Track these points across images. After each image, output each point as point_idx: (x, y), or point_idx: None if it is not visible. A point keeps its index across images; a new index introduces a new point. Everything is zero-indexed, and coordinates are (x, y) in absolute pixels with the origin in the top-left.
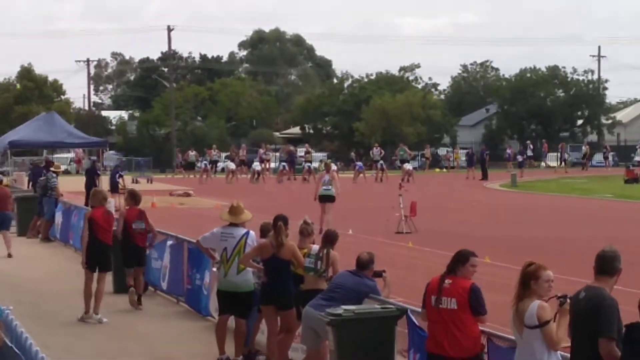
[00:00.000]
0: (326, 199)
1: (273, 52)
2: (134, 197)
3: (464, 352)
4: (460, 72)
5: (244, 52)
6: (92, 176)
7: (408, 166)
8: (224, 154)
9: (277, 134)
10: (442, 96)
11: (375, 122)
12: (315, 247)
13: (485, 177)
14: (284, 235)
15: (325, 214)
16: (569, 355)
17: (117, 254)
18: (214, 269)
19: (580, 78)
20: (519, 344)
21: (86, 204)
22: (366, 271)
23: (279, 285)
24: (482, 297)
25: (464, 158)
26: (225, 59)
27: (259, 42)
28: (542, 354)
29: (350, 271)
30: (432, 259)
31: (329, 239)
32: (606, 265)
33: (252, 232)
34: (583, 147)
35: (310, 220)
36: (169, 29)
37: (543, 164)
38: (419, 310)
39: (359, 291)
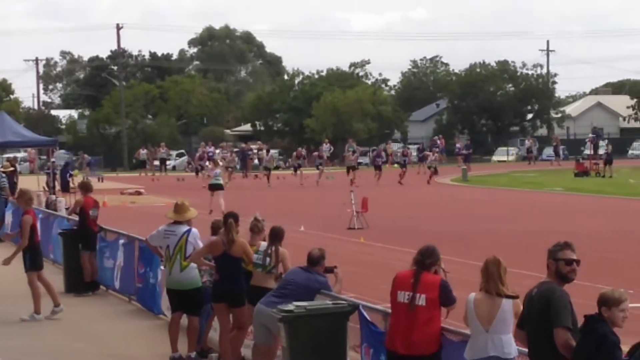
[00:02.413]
0: (216, 187)
1: (223, 49)
2: (87, 187)
3: (425, 350)
4: (410, 67)
5: (194, 50)
6: (65, 175)
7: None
8: (174, 152)
9: (228, 131)
10: (393, 92)
11: (326, 118)
12: (264, 244)
13: (435, 172)
14: (235, 232)
15: (215, 199)
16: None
17: (69, 254)
18: (162, 267)
19: (530, 72)
20: (481, 336)
21: None
22: (317, 267)
23: (231, 283)
24: (450, 290)
25: (414, 153)
26: (175, 56)
27: (208, 40)
28: (510, 347)
29: (302, 267)
30: (384, 254)
31: (276, 236)
32: None
33: (194, 230)
34: (527, 142)
35: (260, 217)
36: (118, 27)
37: (494, 158)
38: (371, 305)
39: (310, 287)
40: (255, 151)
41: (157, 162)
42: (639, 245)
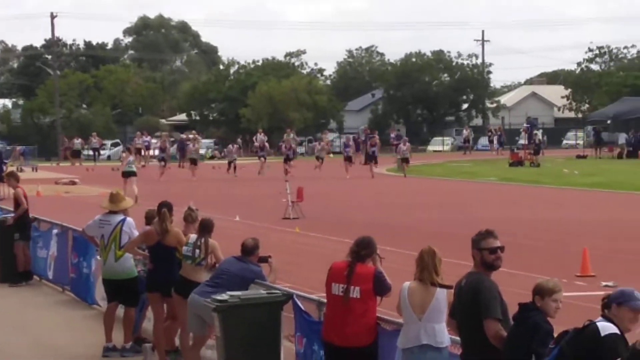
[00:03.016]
0: (129, 174)
1: (158, 38)
2: (16, 177)
3: (361, 341)
4: (346, 57)
5: (128, 39)
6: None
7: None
8: (109, 142)
9: (163, 120)
10: (328, 81)
11: (262, 108)
12: (193, 236)
13: (366, 162)
14: (169, 222)
15: (128, 185)
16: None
17: (4, 244)
18: (99, 257)
19: (465, 62)
20: (414, 325)
21: None
22: (251, 257)
23: (165, 272)
24: (385, 279)
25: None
26: (110, 46)
27: (143, 29)
28: (443, 336)
29: (236, 257)
30: (319, 244)
31: (206, 228)
32: None
33: (129, 219)
34: (464, 131)
35: (194, 206)
36: (53, 16)
37: (429, 148)
38: (305, 295)
39: (244, 277)
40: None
41: (90, 152)
42: (572, 234)
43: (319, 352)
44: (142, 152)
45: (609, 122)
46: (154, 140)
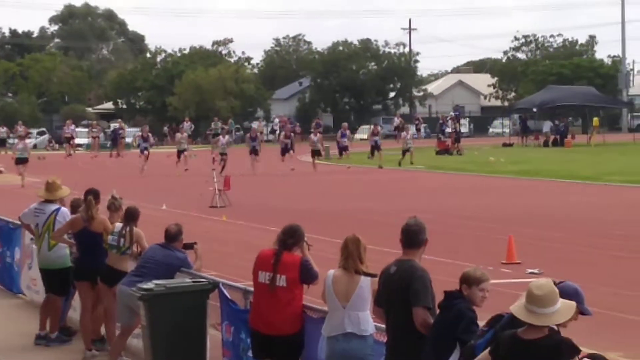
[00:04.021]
0: (21, 160)
1: (84, 27)
2: None
3: (287, 330)
4: (273, 46)
5: (54, 27)
6: None
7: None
8: (35, 131)
9: (89, 109)
10: (256, 70)
11: (189, 96)
12: (119, 225)
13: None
14: (94, 209)
15: (22, 172)
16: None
17: None
18: (34, 246)
19: (392, 51)
20: (338, 312)
21: None
22: (175, 243)
23: (92, 260)
24: (311, 267)
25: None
26: (36, 34)
27: (69, 17)
28: (367, 324)
29: (160, 244)
30: (246, 232)
31: (131, 216)
32: (413, 238)
33: (63, 208)
34: (396, 119)
35: (117, 195)
36: None
37: (357, 136)
38: (231, 283)
39: (169, 264)
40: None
41: (16, 141)
42: (498, 221)
43: (245, 340)
44: (71, 142)
45: (534, 110)
46: (78, 129)
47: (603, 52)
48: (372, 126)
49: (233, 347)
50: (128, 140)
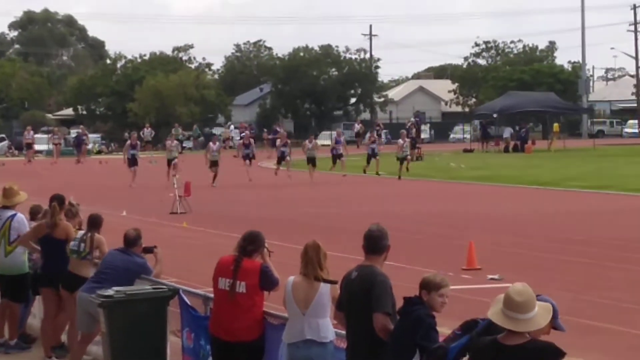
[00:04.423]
0: None
1: (44, 33)
2: None
3: (247, 336)
4: (233, 51)
5: (14, 33)
6: None
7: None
8: None
9: (49, 115)
10: (216, 76)
11: (149, 102)
12: (82, 232)
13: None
14: (58, 215)
15: None
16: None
17: None
18: None
19: (353, 57)
20: (298, 319)
21: None
22: (134, 248)
23: (55, 266)
24: (272, 273)
25: (237, 138)
26: None
27: (29, 23)
28: (327, 331)
29: (119, 249)
30: (207, 239)
31: (94, 223)
32: (374, 244)
33: (19, 215)
34: (356, 125)
35: (75, 201)
36: None
37: (318, 142)
38: (192, 290)
39: (128, 269)
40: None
41: None
42: (459, 227)
43: (205, 347)
44: (32, 147)
45: (495, 116)
46: (38, 135)
47: (563, 58)
48: (368, 134)
49: (193, 353)
50: (89, 146)
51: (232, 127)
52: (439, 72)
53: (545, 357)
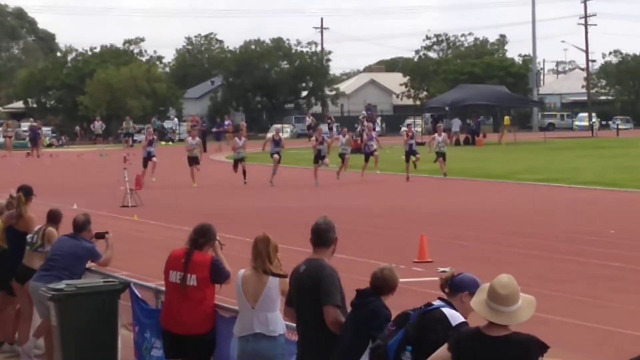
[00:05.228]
0: None
1: None
2: None
3: (198, 329)
4: (184, 44)
5: None
6: None
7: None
8: None
9: (0, 108)
10: (167, 69)
11: (100, 95)
12: (40, 226)
13: (204, 149)
14: (24, 207)
15: None
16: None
17: None
18: None
19: (304, 50)
20: (247, 313)
21: None
22: (83, 232)
23: (16, 259)
24: (223, 266)
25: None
26: None
27: None
28: (275, 325)
29: (68, 235)
30: (158, 232)
31: (52, 218)
32: (321, 237)
33: None
34: (307, 119)
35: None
36: None
37: (269, 135)
38: (143, 283)
39: (75, 254)
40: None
41: None
42: (411, 220)
43: (150, 340)
44: None
45: (446, 109)
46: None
47: (514, 52)
48: (404, 129)
49: (144, 346)
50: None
51: (175, 119)
52: (390, 65)
53: (529, 350)
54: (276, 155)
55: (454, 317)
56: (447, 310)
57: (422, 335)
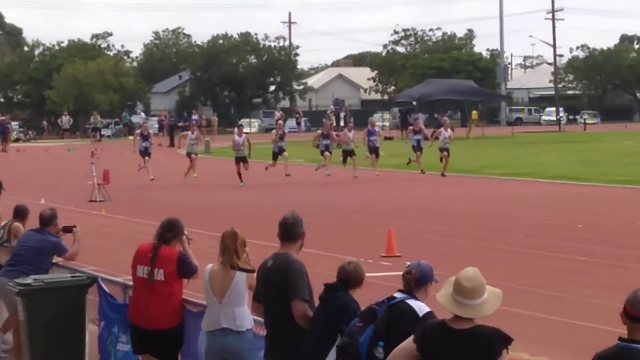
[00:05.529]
0: None
1: None
2: None
3: (166, 324)
4: (152, 39)
5: None
6: None
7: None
8: None
9: None
10: (135, 64)
11: (67, 90)
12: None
13: (172, 144)
14: None
15: None
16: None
17: None
18: None
19: (272, 44)
20: (215, 307)
21: None
22: (50, 227)
23: None
24: (190, 261)
25: (155, 126)
26: None
27: None
28: (243, 320)
29: (34, 229)
30: (126, 227)
31: (19, 213)
32: (289, 231)
33: None
34: (276, 113)
35: None
36: None
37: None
38: (110, 278)
39: (42, 248)
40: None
41: None
42: (379, 215)
43: (117, 334)
44: None
45: (414, 103)
46: None
47: (482, 46)
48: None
49: (111, 341)
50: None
51: (142, 114)
52: (358, 60)
53: (493, 342)
54: (285, 153)
55: (421, 308)
56: (412, 302)
57: (391, 329)
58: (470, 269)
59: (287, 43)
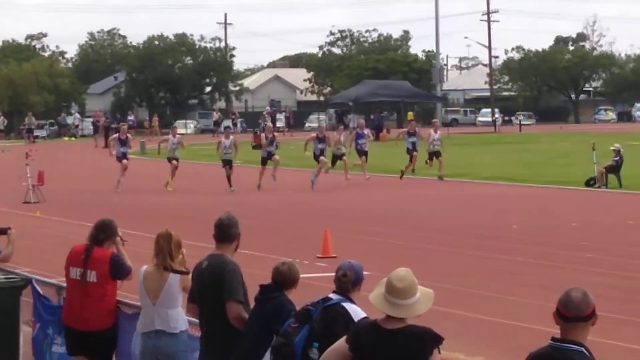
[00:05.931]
0: None
1: None
2: None
3: (100, 325)
4: (87, 40)
5: None
6: None
7: None
8: None
9: None
10: (70, 64)
11: (1, 91)
12: None
13: (107, 145)
14: None
15: None
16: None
17: None
18: None
19: (208, 45)
20: (149, 309)
21: None
22: None
23: None
24: (123, 262)
25: (90, 127)
26: None
27: None
28: (177, 322)
29: None
30: (61, 228)
31: None
32: (224, 232)
33: None
34: (215, 114)
35: None
36: None
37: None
38: (45, 279)
39: None
40: None
41: None
42: (315, 216)
43: (52, 336)
44: None
45: (350, 104)
46: None
47: (417, 47)
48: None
49: (45, 343)
50: None
51: (76, 114)
52: (294, 61)
53: (424, 342)
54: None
55: (356, 312)
56: (348, 305)
57: (326, 330)
58: (402, 269)
59: (223, 44)
